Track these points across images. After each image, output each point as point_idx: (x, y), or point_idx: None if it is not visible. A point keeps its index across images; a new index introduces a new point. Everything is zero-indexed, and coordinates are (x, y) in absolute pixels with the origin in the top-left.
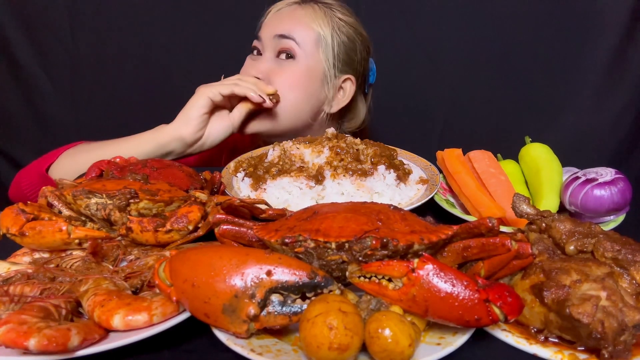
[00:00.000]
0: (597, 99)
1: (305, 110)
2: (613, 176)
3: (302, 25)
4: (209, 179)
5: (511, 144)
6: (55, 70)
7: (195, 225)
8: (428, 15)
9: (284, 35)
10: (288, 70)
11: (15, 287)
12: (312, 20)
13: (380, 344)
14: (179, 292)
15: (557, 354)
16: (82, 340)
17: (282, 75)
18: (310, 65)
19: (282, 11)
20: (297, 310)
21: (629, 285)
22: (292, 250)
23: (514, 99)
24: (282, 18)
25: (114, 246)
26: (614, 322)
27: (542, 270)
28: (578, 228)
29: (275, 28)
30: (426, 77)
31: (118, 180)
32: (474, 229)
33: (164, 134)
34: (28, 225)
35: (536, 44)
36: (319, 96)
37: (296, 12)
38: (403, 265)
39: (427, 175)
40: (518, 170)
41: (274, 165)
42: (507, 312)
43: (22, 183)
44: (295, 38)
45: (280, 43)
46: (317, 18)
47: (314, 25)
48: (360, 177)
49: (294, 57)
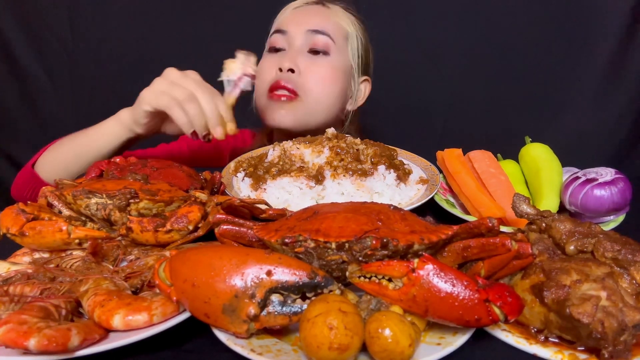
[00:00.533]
0: (597, 99)
1: (337, 106)
2: (613, 176)
3: (333, 23)
4: (209, 179)
5: (511, 144)
6: (55, 70)
7: (195, 225)
8: (428, 15)
9: (318, 30)
10: (324, 65)
11: (15, 287)
12: (341, 18)
13: (380, 344)
14: (179, 292)
15: (557, 354)
16: (82, 340)
17: (318, 70)
18: (342, 62)
19: (307, 8)
20: (297, 310)
21: (629, 285)
22: (292, 250)
23: (514, 99)
24: (309, 14)
25: (114, 246)
26: (614, 322)
27: (542, 270)
28: (578, 228)
29: (306, 23)
30: (426, 77)
31: (118, 180)
32: (474, 229)
33: (122, 126)
34: (28, 225)
35: (536, 44)
36: (347, 93)
37: (323, 10)
38: (403, 265)
39: (427, 175)
40: (518, 170)
41: (274, 165)
42: (507, 312)
43: (19, 181)
44: (330, 34)
45: (313, 38)
46: (344, 17)
47: (343, 24)
48: (360, 177)
49: (329, 53)
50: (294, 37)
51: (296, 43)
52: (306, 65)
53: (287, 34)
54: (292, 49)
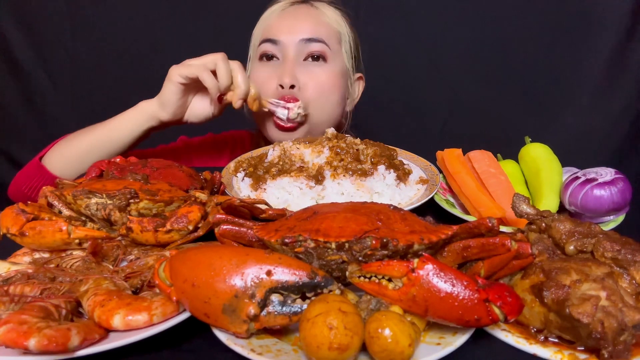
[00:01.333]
0: (596, 99)
1: (338, 111)
2: (613, 176)
3: (326, 26)
4: (209, 179)
5: (511, 144)
6: (55, 70)
7: (195, 225)
8: (428, 15)
9: (313, 38)
10: (322, 74)
11: (15, 287)
12: (330, 18)
13: (380, 344)
14: (179, 292)
15: (557, 354)
16: (82, 340)
17: (317, 79)
18: (339, 66)
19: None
20: (297, 310)
21: (629, 285)
22: (292, 250)
23: (514, 99)
24: (299, 19)
25: (114, 246)
26: (613, 322)
27: (542, 270)
28: (578, 228)
29: (298, 31)
30: (426, 77)
31: (118, 180)
32: (473, 229)
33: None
34: (28, 225)
35: (536, 44)
36: (346, 95)
37: (312, 12)
38: (403, 265)
39: (427, 175)
40: (518, 171)
41: (274, 165)
42: (507, 312)
43: (19, 180)
44: (325, 40)
45: (309, 47)
46: (333, 15)
47: (334, 24)
48: (360, 177)
49: (325, 60)
50: (287, 46)
51: (290, 53)
52: (305, 78)
53: (280, 44)
54: (287, 60)
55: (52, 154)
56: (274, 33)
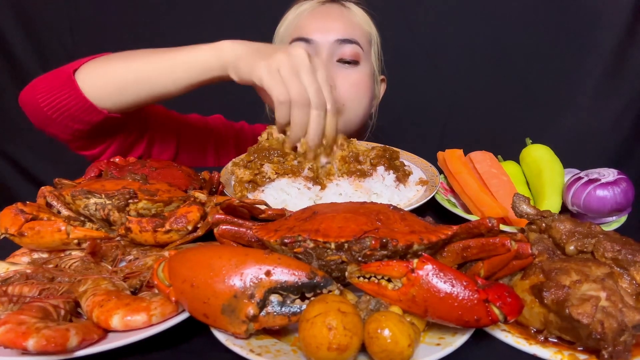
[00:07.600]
0: (597, 99)
1: (368, 112)
2: (616, 177)
3: (358, 27)
4: (208, 179)
5: (511, 146)
6: None
7: (195, 225)
8: (428, 15)
9: (348, 40)
10: (356, 76)
11: (14, 288)
12: (363, 20)
13: (379, 344)
14: (178, 293)
15: (557, 354)
16: (81, 341)
17: (352, 83)
18: (369, 68)
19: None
20: (296, 310)
21: (629, 286)
22: (292, 250)
23: (514, 100)
24: (331, 19)
25: (113, 246)
26: (613, 322)
27: (542, 270)
28: (578, 228)
29: (332, 31)
30: (426, 77)
31: (117, 180)
32: (473, 229)
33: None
34: (27, 225)
35: (536, 44)
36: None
37: (343, 12)
38: (402, 266)
39: (427, 176)
40: (519, 172)
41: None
42: (507, 313)
43: (38, 87)
44: (358, 41)
45: (342, 48)
46: (363, 16)
47: (365, 26)
48: (359, 178)
49: (358, 62)
50: (321, 46)
51: (324, 53)
52: (339, 80)
53: (314, 43)
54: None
55: (89, 68)
56: (306, 32)
